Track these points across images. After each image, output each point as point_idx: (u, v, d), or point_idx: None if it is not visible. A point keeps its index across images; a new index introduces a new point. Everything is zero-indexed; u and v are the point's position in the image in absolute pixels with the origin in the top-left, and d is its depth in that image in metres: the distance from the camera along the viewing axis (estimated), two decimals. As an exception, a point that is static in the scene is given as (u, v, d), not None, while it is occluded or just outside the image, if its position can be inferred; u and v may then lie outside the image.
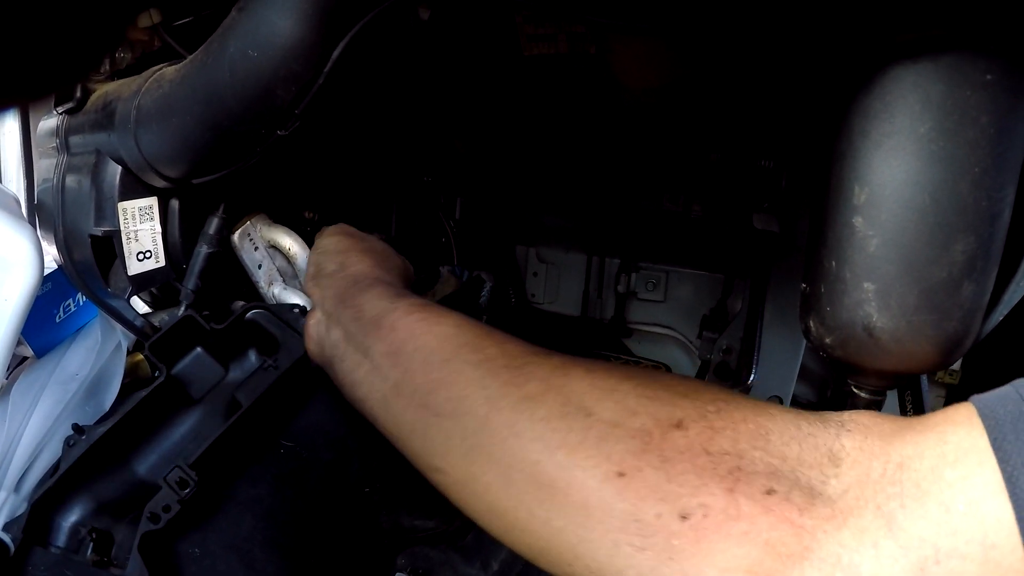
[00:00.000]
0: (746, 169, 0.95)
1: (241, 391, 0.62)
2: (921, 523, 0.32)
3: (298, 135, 0.57)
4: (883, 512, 0.33)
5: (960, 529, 0.31)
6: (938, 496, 0.32)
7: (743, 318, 1.06)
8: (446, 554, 0.75)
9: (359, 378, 0.53)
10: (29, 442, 0.60)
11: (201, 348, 0.64)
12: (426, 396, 0.47)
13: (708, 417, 0.39)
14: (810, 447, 0.37)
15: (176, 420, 0.61)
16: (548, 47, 0.77)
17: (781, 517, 0.35)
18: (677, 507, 0.36)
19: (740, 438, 0.38)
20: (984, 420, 0.33)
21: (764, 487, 0.36)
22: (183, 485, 0.52)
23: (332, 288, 0.59)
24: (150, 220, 0.66)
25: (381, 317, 0.53)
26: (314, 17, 0.49)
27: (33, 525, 0.52)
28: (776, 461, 0.37)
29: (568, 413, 0.41)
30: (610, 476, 0.38)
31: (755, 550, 0.34)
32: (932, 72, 0.45)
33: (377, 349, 0.52)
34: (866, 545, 0.33)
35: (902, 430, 0.36)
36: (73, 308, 0.72)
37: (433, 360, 0.48)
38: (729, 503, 0.35)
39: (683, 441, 0.38)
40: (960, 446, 0.33)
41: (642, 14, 0.51)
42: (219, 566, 0.56)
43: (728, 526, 0.35)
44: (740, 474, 0.36)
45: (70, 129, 0.69)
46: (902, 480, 0.34)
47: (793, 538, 0.34)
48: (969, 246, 0.47)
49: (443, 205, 1.06)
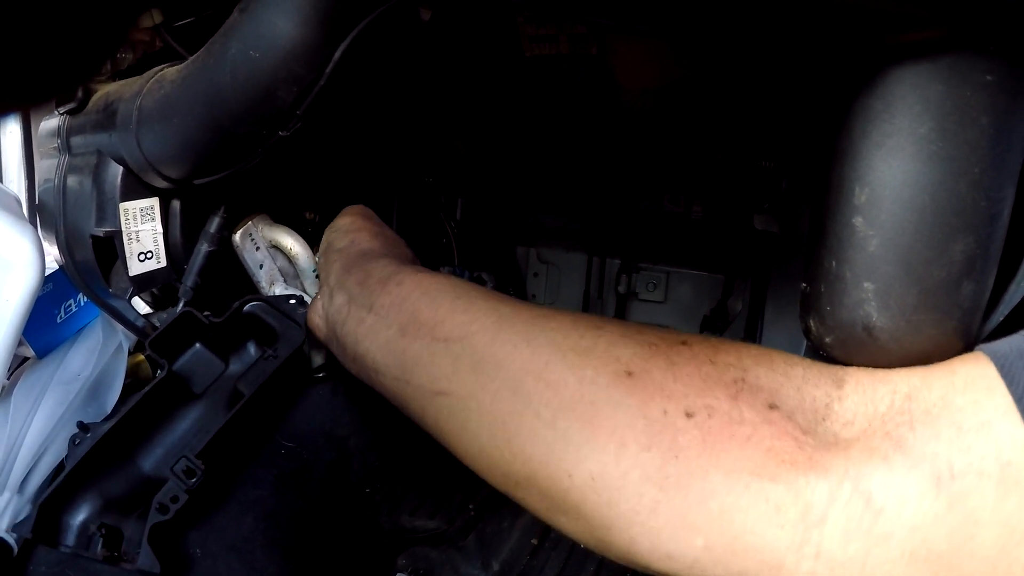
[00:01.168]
0: (747, 170, 0.95)
1: (242, 382, 0.62)
2: (933, 442, 0.32)
3: (299, 136, 0.57)
4: (892, 436, 0.33)
5: (974, 447, 0.31)
6: (949, 419, 0.32)
7: (743, 319, 1.06)
8: (447, 554, 0.75)
9: (362, 332, 0.53)
10: (32, 443, 0.60)
11: (200, 343, 0.64)
12: (434, 328, 0.47)
13: (711, 341, 0.41)
14: (814, 371, 0.38)
15: (178, 415, 0.61)
16: (549, 48, 0.77)
17: (783, 431, 0.35)
18: (683, 405, 0.36)
19: (744, 355, 0.39)
20: (991, 356, 0.34)
21: (767, 401, 0.36)
22: (190, 474, 0.52)
23: (339, 261, 0.59)
24: (151, 221, 0.67)
25: (388, 278, 0.53)
26: (316, 18, 0.50)
27: (42, 525, 0.52)
28: (780, 378, 0.38)
29: (579, 325, 0.42)
30: (619, 375, 0.38)
31: (759, 454, 0.34)
32: (932, 72, 0.45)
33: (382, 302, 0.52)
34: (875, 460, 0.32)
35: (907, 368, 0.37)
36: (74, 308, 0.73)
37: (442, 298, 0.49)
38: (732, 408, 0.36)
39: (688, 352, 0.39)
40: (968, 375, 0.33)
41: (644, 15, 0.51)
42: (220, 567, 0.56)
43: (732, 428, 0.35)
44: (743, 384, 0.37)
45: (71, 129, 0.69)
46: (911, 409, 0.34)
47: (797, 450, 0.34)
48: (968, 246, 0.47)
49: (444, 206, 1.07)
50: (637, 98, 0.87)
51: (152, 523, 0.51)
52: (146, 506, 0.54)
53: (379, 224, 0.69)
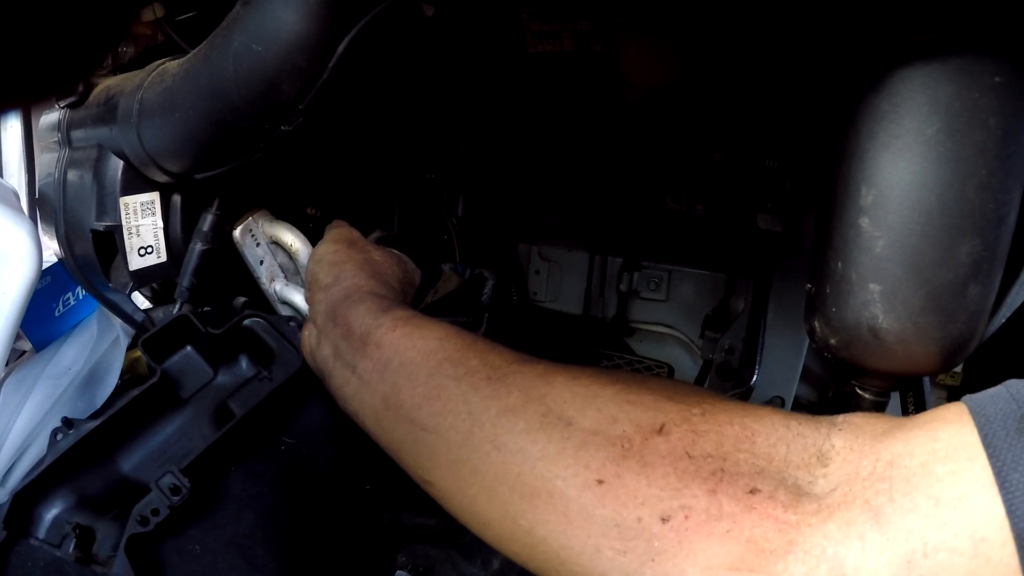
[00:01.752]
0: (750, 169, 0.95)
1: (235, 399, 0.62)
2: (910, 516, 0.32)
3: (302, 130, 0.57)
4: (871, 506, 0.33)
5: (950, 522, 0.31)
6: (927, 490, 0.32)
7: (746, 318, 1.05)
8: (447, 552, 0.75)
9: (349, 393, 0.55)
10: (17, 436, 0.60)
11: (191, 347, 0.63)
12: (412, 411, 0.48)
13: (692, 420, 0.39)
14: (799, 448, 0.37)
15: (163, 419, 0.60)
16: (553, 44, 0.76)
17: (764, 514, 0.35)
18: (657, 510, 0.36)
19: (724, 441, 0.38)
20: (975, 418, 0.33)
21: (748, 487, 0.36)
22: (175, 491, 0.51)
23: (324, 303, 0.60)
24: (152, 215, 0.66)
25: (367, 334, 0.54)
26: (319, 12, 0.49)
27: (14, 515, 0.52)
28: (762, 462, 0.37)
29: (548, 423, 0.42)
30: (589, 484, 0.39)
31: (737, 547, 0.34)
32: (941, 73, 0.45)
33: (364, 366, 0.53)
34: (852, 537, 0.32)
35: (892, 429, 0.36)
36: (73, 302, 0.72)
37: (418, 375, 0.49)
38: (711, 503, 0.36)
39: (664, 446, 0.38)
40: (950, 443, 0.33)
41: (649, 12, 0.50)
42: (219, 563, 0.56)
43: (710, 526, 0.35)
44: (723, 475, 0.36)
45: (72, 123, 0.68)
46: (891, 476, 0.33)
47: (776, 534, 0.34)
48: (975, 248, 0.47)
49: (446, 202, 1.06)
50: (641, 96, 0.87)
51: (130, 534, 0.50)
52: (121, 508, 0.54)
53: (363, 249, 0.67)
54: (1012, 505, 0.29)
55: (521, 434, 0.42)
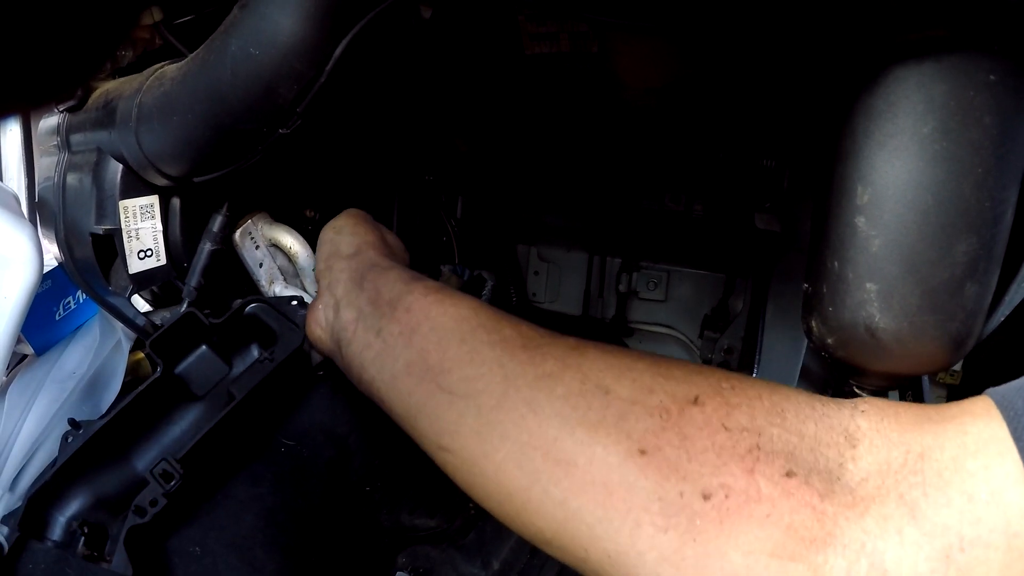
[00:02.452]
0: (748, 169, 0.95)
1: (235, 384, 0.61)
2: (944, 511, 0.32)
3: (300, 133, 0.57)
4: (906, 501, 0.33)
5: (983, 518, 0.31)
6: (960, 486, 0.32)
7: (744, 318, 1.05)
8: (447, 553, 0.75)
9: (368, 359, 0.52)
10: (25, 441, 0.60)
11: (206, 346, 0.64)
12: (439, 375, 0.46)
13: (724, 393, 0.39)
14: (826, 427, 0.37)
15: (177, 416, 0.61)
16: (550, 46, 0.77)
17: (802, 501, 0.34)
18: (699, 486, 0.36)
19: (757, 414, 0.37)
20: (1002, 412, 0.33)
21: (783, 468, 0.35)
22: (167, 478, 0.51)
23: (347, 271, 0.58)
24: (151, 218, 0.66)
25: (397, 299, 0.52)
26: (317, 15, 0.49)
27: (29, 519, 0.52)
28: (794, 438, 0.36)
29: (587, 391, 0.41)
30: (632, 453, 0.37)
31: (778, 533, 0.34)
32: (936, 72, 0.45)
33: (390, 330, 0.51)
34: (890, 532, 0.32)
35: (920, 420, 0.36)
36: (73, 306, 0.72)
37: (450, 340, 0.47)
38: (750, 484, 0.35)
39: (701, 417, 0.38)
40: (980, 437, 0.33)
41: (645, 13, 0.50)
42: (220, 565, 0.56)
43: (750, 508, 0.35)
44: (759, 453, 0.36)
45: (71, 127, 0.68)
46: (923, 470, 0.33)
47: (816, 523, 0.34)
48: (972, 247, 0.47)
49: (445, 204, 1.06)
50: (638, 97, 0.87)
51: (129, 525, 0.50)
52: None
53: (378, 230, 0.67)
54: None
55: (559, 399, 0.41)
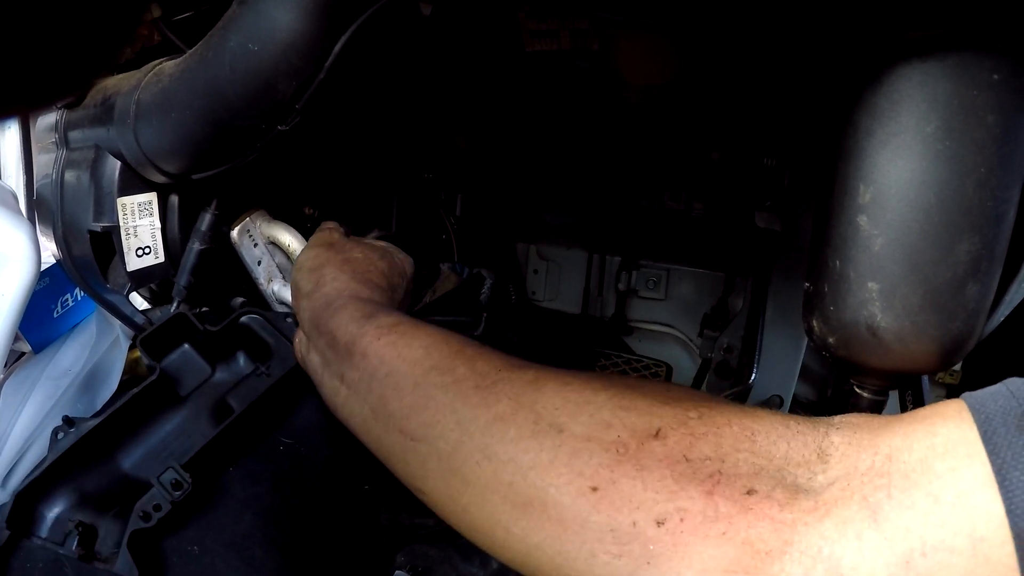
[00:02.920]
0: (748, 167, 0.95)
1: (233, 396, 0.62)
2: (908, 514, 0.31)
3: (298, 130, 0.57)
4: (869, 503, 0.32)
5: (948, 521, 0.30)
6: (926, 487, 0.31)
7: (744, 317, 1.05)
8: (445, 552, 0.75)
9: (339, 402, 0.55)
10: (18, 438, 0.60)
11: (189, 345, 0.64)
12: (400, 421, 0.48)
13: (689, 424, 0.39)
14: (799, 445, 0.37)
15: (162, 417, 0.61)
16: (550, 43, 0.76)
17: (760, 515, 0.34)
18: (652, 514, 0.36)
19: (723, 442, 0.38)
20: (974, 414, 0.33)
21: (745, 487, 0.35)
22: (177, 487, 0.52)
23: (308, 311, 0.59)
24: (149, 216, 0.66)
25: (352, 343, 0.53)
26: (316, 11, 0.49)
27: (17, 515, 0.52)
28: (762, 460, 0.37)
29: (539, 431, 0.41)
30: (583, 491, 0.38)
31: (733, 549, 0.34)
32: (939, 71, 0.45)
33: (351, 376, 0.53)
34: (848, 536, 0.32)
35: (891, 424, 0.36)
36: (71, 303, 0.72)
37: (404, 385, 0.49)
38: (707, 505, 0.35)
39: (661, 450, 0.38)
40: (949, 438, 0.33)
41: (646, 10, 0.50)
42: (218, 564, 0.56)
43: (706, 528, 0.35)
44: (720, 477, 0.36)
45: (69, 124, 0.68)
46: (890, 472, 0.33)
47: (773, 534, 0.34)
48: (974, 246, 0.47)
49: (444, 202, 1.06)
50: (639, 94, 0.87)
51: (132, 529, 0.50)
52: (123, 505, 0.54)
53: (342, 250, 0.66)
54: (1012, 504, 0.29)
55: (511, 443, 0.42)
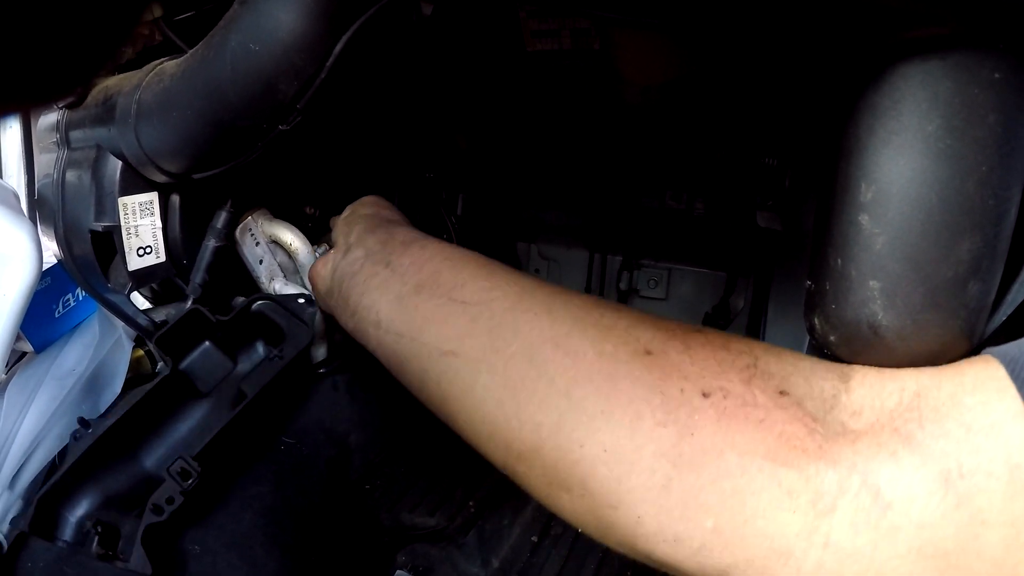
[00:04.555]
0: (750, 167, 0.95)
1: (246, 382, 0.61)
2: (942, 440, 0.31)
3: (300, 130, 0.57)
4: (900, 433, 0.33)
5: (983, 447, 0.31)
6: (958, 418, 0.32)
7: (746, 316, 1.05)
8: (446, 551, 0.75)
9: (373, 285, 0.52)
10: (24, 439, 0.60)
11: (209, 342, 0.64)
12: (452, 290, 0.47)
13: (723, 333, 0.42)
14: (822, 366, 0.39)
15: (184, 413, 0.61)
16: (552, 43, 0.76)
17: (794, 416, 0.35)
18: (699, 385, 0.37)
19: (754, 346, 0.40)
20: (1001, 359, 0.33)
21: (777, 388, 0.37)
22: (185, 476, 0.52)
23: (363, 222, 0.59)
24: (150, 215, 0.66)
25: (411, 241, 0.54)
26: (317, 11, 0.49)
27: (39, 520, 0.52)
28: (789, 367, 0.38)
29: (600, 305, 0.43)
30: (639, 352, 0.39)
31: (771, 438, 0.34)
32: (940, 70, 0.45)
33: (401, 261, 0.52)
34: (883, 455, 0.32)
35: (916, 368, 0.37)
36: (72, 303, 0.72)
37: (465, 265, 0.49)
38: (746, 391, 0.36)
39: (703, 337, 0.40)
40: (978, 377, 0.33)
41: (647, 9, 0.50)
42: (220, 563, 0.56)
43: (746, 411, 0.36)
44: (755, 370, 0.38)
45: (70, 124, 0.68)
46: (919, 406, 0.33)
47: (808, 437, 0.34)
48: (975, 245, 0.47)
49: (445, 201, 1.06)
50: (640, 94, 0.87)
51: (146, 524, 0.50)
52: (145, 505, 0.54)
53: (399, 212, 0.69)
54: None
55: (575, 306, 0.43)
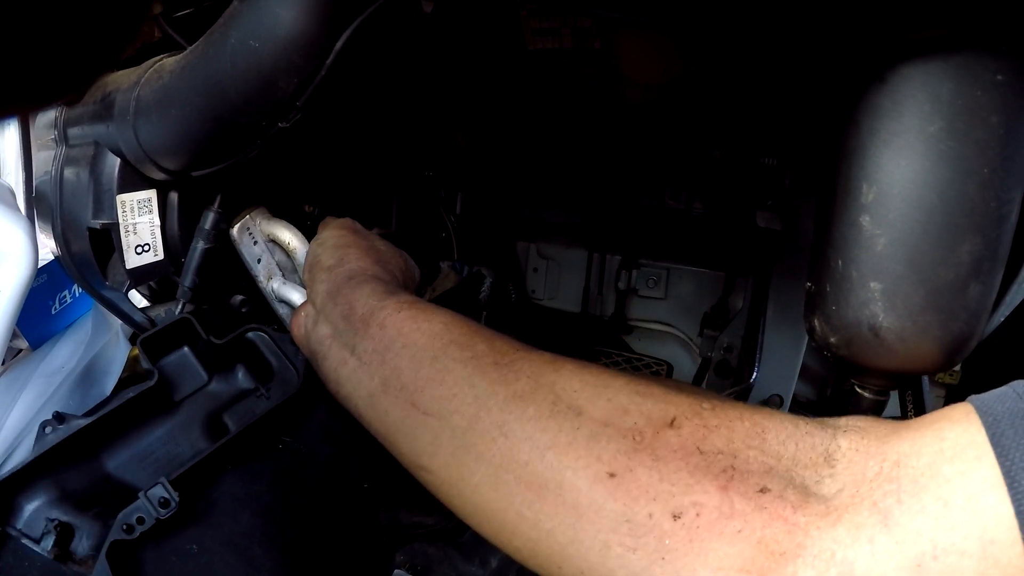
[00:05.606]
0: (749, 166, 0.95)
1: (229, 414, 0.61)
2: (919, 518, 0.31)
3: (299, 128, 0.57)
4: (879, 508, 0.32)
5: (958, 524, 0.30)
6: (936, 491, 0.32)
7: (744, 316, 1.05)
8: (445, 551, 0.75)
9: (344, 375, 0.52)
10: (8, 435, 0.60)
11: (188, 348, 0.63)
12: (413, 394, 0.46)
13: (703, 415, 0.39)
14: (807, 447, 0.37)
15: (152, 421, 0.60)
16: (552, 41, 0.76)
17: (775, 515, 0.34)
18: (669, 506, 0.36)
19: (735, 436, 0.38)
20: (981, 417, 0.33)
21: (758, 485, 0.35)
22: (164, 504, 0.51)
23: (325, 283, 0.58)
24: (149, 213, 0.66)
25: (370, 315, 0.52)
26: (317, 8, 0.49)
27: None
28: (771, 460, 0.37)
29: (558, 412, 0.41)
30: (601, 477, 0.38)
31: (748, 548, 0.34)
32: (942, 71, 0.45)
33: (364, 347, 0.51)
34: (861, 541, 0.32)
35: (898, 429, 0.36)
36: (69, 300, 0.72)
37: (421, 358, 0.47)
38: (723, 501, 0.35)
39: (676, 440, 0.38)
40: (958, 442, 0.33)
41: (649, 8, 0.50)
42: (216, 563, 0.56)
43: (721, 524, 0.35)
44: (734, 472, 0.36)
45: (68, 120, 0.68)
46: (899, 477, 0.33)
47: (786, 536, 0.33)
48: (976, 247, 0.47)
49: (444, 200, 1.06)
50: (640, 93, 0.87)
51: (112, 540, 0.50)
52: (103, 506, 0.53)
53: (367, 237, 0.67)
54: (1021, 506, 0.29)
55: (530, 421, 0.41)
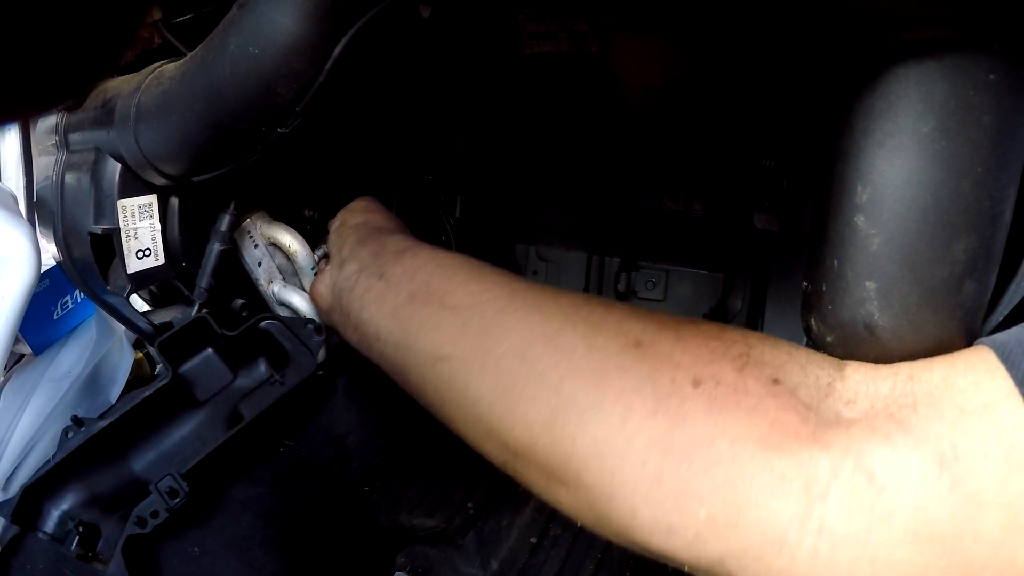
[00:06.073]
0: (747, 168, 0.95)
1: (245, 403, 0.62)
2: (936, 423, 0.31)
3: (299, 133, 0.57)
4: (895, 416, 0.33)
5: (978, 428, 0.30)
6: (951, 400, 0.32)
7: (743, 317, 1.06)
8: (445, 553, 0.75)
9: (369, 299, 0.53)
10: (19, 440, 0.60)
11: (212, 349, 0.63)
12: (444, 296, 0.48)
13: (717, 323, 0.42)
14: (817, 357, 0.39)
15: (178, 420, 0.61)
16: (550, 45, 0.77)
17: (787, 404, 0.35)
18: (691, 374, 0.37)
19: (748, 335, 0.40)
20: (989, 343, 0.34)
21: (771, 376, 0.36)
22: (173, 495, 0.52)
23: (354, 234, 0.60)
24: (149, 218, 0.66)
25: (403, 250, 0.54)
26: (316, 14, 0.49)
27: (23, 510, 0.52)
28: (783, 356, 0.38)
29: (592, 301, 0.44)
30: (628, 345, 0.39)
31: (764, 425, 0.34)
32: (936, 72, 0.45)
33: (394, 271, 0.53)
34: (878, 437, 0.32)
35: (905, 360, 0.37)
36: (71, 305, 0.72)
37: (456, 271, 0.50)
38: (738, 379, 0.36)
39: (695, 328, 0.40)
40: (969, 360, 0.33)
41: (645, 12, 0.50)
42: (218, 565, 0.56)
43: (738, 398, 0.36)
44: (748, 359, 0.37)
45: (69, 126, 0.68)
46: (913, 391, 0.33)
47: (800, 424, 0.34)
48: (971, 245, 0.47)
49: (443, 203, 1.06)
50: (638, 96, 0.87)
51: (128, 534, 0.50)
52: (130, 508, 0.54)
53: (389, 212, 0.70)
54: None
55: (564, 304, 0.43)
